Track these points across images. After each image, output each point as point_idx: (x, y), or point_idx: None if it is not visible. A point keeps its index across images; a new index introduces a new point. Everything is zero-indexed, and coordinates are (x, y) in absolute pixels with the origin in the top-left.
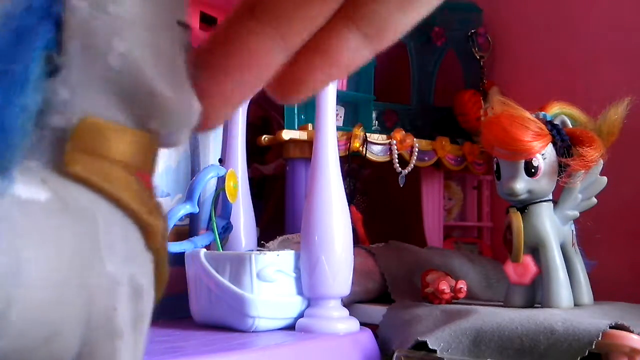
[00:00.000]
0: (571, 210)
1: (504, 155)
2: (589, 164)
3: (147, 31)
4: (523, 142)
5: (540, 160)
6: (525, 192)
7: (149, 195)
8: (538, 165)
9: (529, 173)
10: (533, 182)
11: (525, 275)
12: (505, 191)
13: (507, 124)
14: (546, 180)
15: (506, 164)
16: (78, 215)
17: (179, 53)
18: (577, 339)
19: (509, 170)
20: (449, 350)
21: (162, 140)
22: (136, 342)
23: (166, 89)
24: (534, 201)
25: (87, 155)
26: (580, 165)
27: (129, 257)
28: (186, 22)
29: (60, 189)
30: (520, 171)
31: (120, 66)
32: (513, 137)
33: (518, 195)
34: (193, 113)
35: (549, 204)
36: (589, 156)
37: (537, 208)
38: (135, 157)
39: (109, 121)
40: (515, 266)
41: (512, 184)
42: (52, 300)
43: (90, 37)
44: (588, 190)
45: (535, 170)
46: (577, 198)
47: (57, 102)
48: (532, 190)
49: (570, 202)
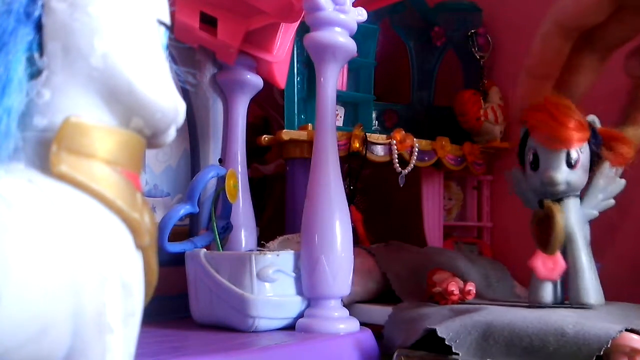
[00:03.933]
0: (592, 209)
1: (545, 142)
2: (625, 160)
3: (128, 31)
4: (568, 129)
5: (578, 152)
6: (565, 183)
7: (136, 193)
8: (578, 157)
9: (569, 164)
10: (572, 173)
11: (555, 270)
12: (546, 180)
13: (554, 109)
14: (582, 173)
15: (547, 153)
16: (64, 214)
17: (161, 52)
18: (587, 343)
19: (549, 160)
20: (457, 340)
21: (149, 140)
22: (127, 339)
23: (148, 88)
24: (568, 195)
25: (73, 154)
26: (618, 160)
27: (117, 254)
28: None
29: (46, 188)
30: (562, 161)
31: (102, 66)
32: (559, 121)
33: (558, 184)
34: (178, 112)
35: (577, 200)
36: (625, 153)
37: (570, 202)
38: (121, 156)
39: (93, 121)
40: (545, 261)
41: (553, 173)
42: (41, 295)
43: (71, 38)
44: (608, 191)
45: (575, 163)
46: (597, 197)
47: (40, 103)
48: (570, 182)
49: (593, 201)
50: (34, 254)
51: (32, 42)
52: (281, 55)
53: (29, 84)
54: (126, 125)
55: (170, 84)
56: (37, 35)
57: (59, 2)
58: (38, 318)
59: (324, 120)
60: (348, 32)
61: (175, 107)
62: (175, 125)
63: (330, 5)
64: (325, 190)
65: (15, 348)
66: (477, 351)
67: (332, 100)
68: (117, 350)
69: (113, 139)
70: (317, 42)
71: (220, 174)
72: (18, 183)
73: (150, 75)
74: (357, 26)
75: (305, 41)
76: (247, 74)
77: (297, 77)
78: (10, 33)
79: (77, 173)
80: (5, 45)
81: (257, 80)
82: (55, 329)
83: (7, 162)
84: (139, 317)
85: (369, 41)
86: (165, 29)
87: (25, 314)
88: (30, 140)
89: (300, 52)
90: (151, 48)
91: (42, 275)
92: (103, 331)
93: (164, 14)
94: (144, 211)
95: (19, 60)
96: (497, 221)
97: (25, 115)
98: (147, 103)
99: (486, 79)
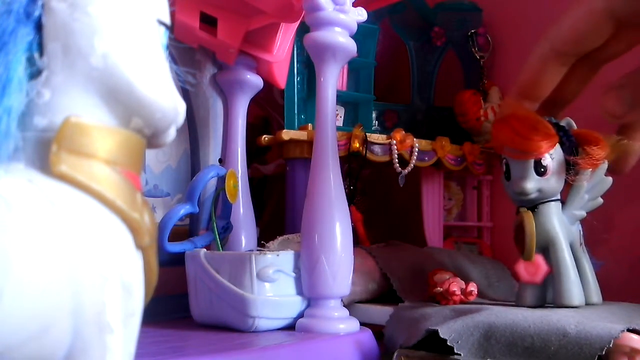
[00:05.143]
0: (578, 210)
1: (514, 155)
2: (596, 162)
3: (128, 31)
4: (533, 141)
5: (548, 159)
6: (536, 191)
7: (136, 193)
8: (547, 165)
9: (539, 172)
10: (543, 181)
11: (537, 274)
12: (516, 190)
13: (517, 124)
14: (555, 179)
15: (516, 164)
16: (64, 213)
17: (161, 52)
18: (589, 343)
19: (519, 170)
20: (458, 341)
21: (149, 140)
22: (127, 339)
23: (148, 88)
24: (543, 200)
25: (73, 154)
26: (589, 163)
27: (117, 254)
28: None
29: (46, 188)
30: (530, 171)
31: (102, 66)
32: (523, 136)
33: (529, 194)
34: (178, 113)
35: (557, 204)
36: (596, 155)
37: (547, 207)
38: (121, 156)
39: (93, 121)
40: (526, 266)
41: (522, 183)
42: (41, 294)
43: (71, 38)
44: (594, 190)
45: (545, 170)
46: (583, 198)
47: (40, 103)
48: (541, 189)
49: (578, 202)
50: (34, 253)
51: (32, 42)
52: (281, 55)
53: (29, 84)
54: (126, 125)
55: (170, 84)
56: (37, 35)
57: (59, 2)
58: (38, 317)
59: (324, 120)
60: (348, 32)
61: (175, 107)
62: (175, 125)
63: (330, 5)
64: (325, 190)
65: (17, 346)
66: (479, 351)
67: (332, 100)
68: (117, 350)
69: (113, 139)
70: (317, 42)
71: (220, 174)
72: (18, 183)
73: (150, 75)
74: (357, 26)
75: (305, 41)
76: (247, 74)
77: (297, 77)
78: (10, 33)
79: (77, 173)
80: (5, 45)
81: (257, 80)
82: (55, 328)
83: (7, 162)
84: (139, 317)
85: (369, 41)
86: (165, 29)
87: (26, 312)
88: (30, 140)
89: (300, 52)
90: (151, 48)
91: (42, 275)
92: (103, 331)
93: (164, 14)
94: (144, 211)
95: (19, 60)
96: (497, 221)
97: (25, 115)
98: (147, 103)
99: (486, 79)
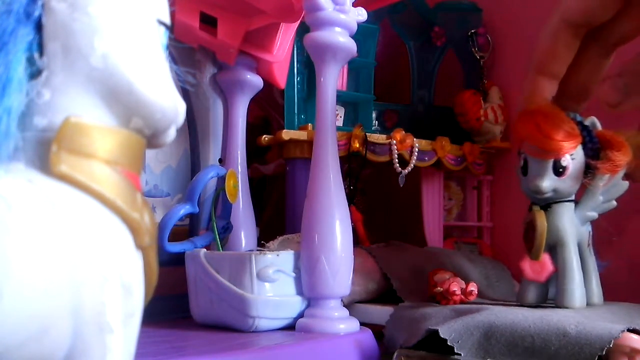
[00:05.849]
0: (591, 211)
1: (534, 152)
2: (616, 168)
3: (128, 31)
4: (555, 141)
5: (568, 160)
6: (551, 191)
7: (136, 193)
8: (566, 165)
9: (557, 172)
10: (559, 181)
11: (542, 272)
12: (532, 188)
13: (541, 121)
14: (572, 180)
15: (535, 161)
16: (64, 214)
17: (161, 52)
18: (589, 343)
19: (537, 167)
20: (459, 341)
21: (149, 140)
22: (127, 339)
23: (148, 88)
24: (557, 200)
25: (73, 154)
26: (608, 168)
27: (117, 254)
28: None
29: (46, 188)
30: (549, 170)
31: (102, 66)
32: (546, 134)
33: (544, 193)
34: (178, 113)
35: (570, 205)
36: (617, 160)
37: (560, 207)
38: (121, 156)
39: (93, 121)
40: (532, 263)
41: (539, 181)
42: (41, 295)
43: (71, 38)
44: (609, 193)
45: (563, 170)
46: (598, 200)
47: (40, 103)
48: (557, 189)
49: (592, 204)
50: (34, 253)
51: (32, 42)
52: (281, 55)
53: (29, 84)
54: (126, 125)
55: (170, 84)
56: (37, 35)
57: (59, 2)
58: (38, 317)
59: (324, 120)
60: (348, 32)
61: (175, 107)
62: (175, 125)
63: (330, 5)
64: (325, 190)
65: (16, 346)
66: (479, 351)
67: (332, 100)
68: (117, 351)
69: (113, 139)
70: (317, 42)
71: (220, 174)
72: (18, 183)
73: (150, 75)
74: (357, 26)
75: (305, 41)
76: (247, 74)
77: (297, 77)
78: (10, 33)
79: (77, 173)
80: (5, 45)
81: (257, 80)
82: (55, 329)
83: (7, 162)
84: (139, 317)
85: (369, 41)
86: (165, 29)
87: (26, 312)
88: (30, 140)
89: (300, 52)
90: (151, 48)
91: (42, 275)
92: (103, 331)
93: (164, 14)
94: (144, 211)
95: (19, 60)
96: (497, 221)
97: (25, 115)
98: (147, 103)
99: (486, 79)
